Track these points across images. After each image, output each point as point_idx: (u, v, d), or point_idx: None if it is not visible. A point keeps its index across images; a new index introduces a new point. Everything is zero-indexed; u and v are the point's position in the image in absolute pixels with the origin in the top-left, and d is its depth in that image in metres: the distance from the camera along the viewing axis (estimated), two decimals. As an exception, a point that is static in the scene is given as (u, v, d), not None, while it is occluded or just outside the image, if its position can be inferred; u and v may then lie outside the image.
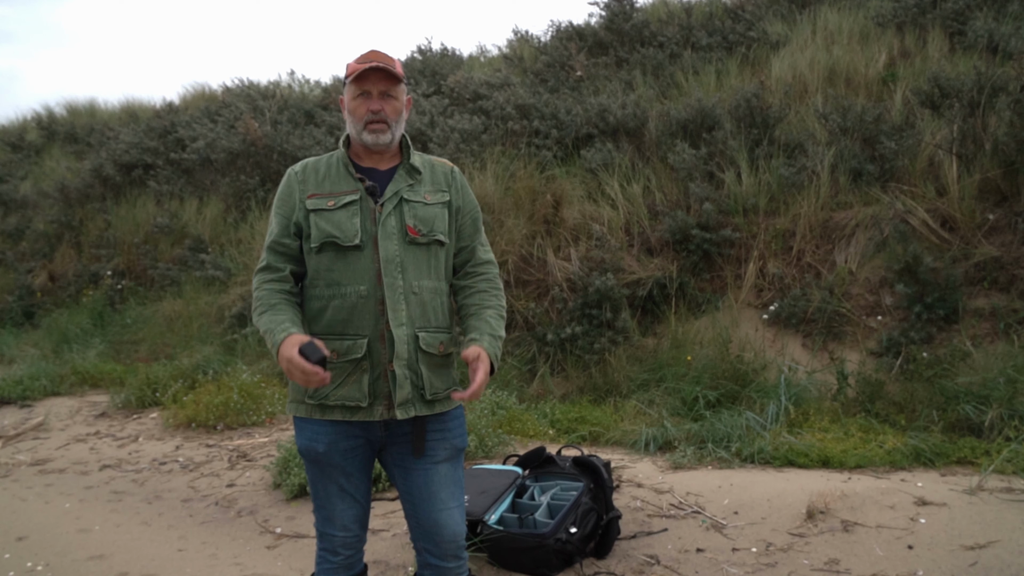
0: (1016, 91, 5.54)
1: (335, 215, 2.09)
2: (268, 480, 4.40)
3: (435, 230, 2.14)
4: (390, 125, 2.13)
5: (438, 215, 2.16)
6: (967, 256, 5.14)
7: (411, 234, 2.10)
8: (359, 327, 2.07)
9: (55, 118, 13.66)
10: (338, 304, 2.08)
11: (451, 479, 2.16)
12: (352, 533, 2.21)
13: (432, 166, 2.24)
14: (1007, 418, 4.06)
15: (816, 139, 6.36)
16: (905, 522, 3.18)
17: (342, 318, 2.08)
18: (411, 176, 2.18)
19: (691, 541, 3.28)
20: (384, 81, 2.12)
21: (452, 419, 2.20)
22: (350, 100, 2.14)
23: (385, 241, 2.08)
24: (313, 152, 8.57)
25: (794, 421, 4.50)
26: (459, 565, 2.18)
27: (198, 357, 6.66)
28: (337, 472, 2.14)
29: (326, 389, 2.08)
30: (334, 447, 2.11)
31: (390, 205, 2.11)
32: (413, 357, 2.09)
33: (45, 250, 10.27)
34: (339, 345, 2.07)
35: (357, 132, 2.14)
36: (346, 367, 2.08)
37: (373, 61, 2.10)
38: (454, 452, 2.19)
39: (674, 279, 5.88)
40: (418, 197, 2.15)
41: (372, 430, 2.13)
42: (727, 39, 8.48)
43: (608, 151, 6.89)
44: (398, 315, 2.07)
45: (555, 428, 4.90)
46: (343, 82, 2.19)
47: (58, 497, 4.45)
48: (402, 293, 2.08)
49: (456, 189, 2.24)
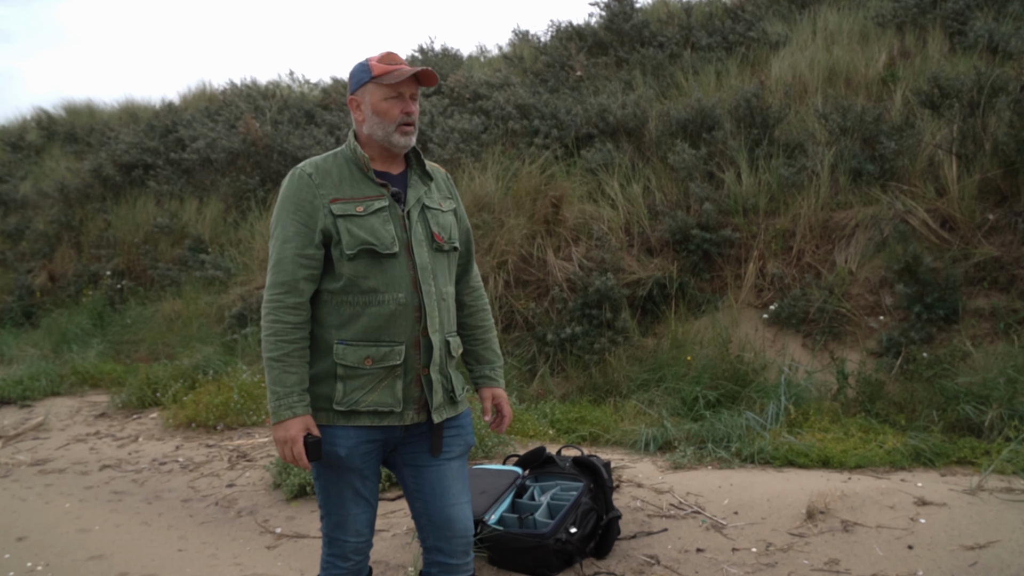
0: (1016, 91, 5.54)
1: (367, 221, 2.04)
2: (268, 480, 4.40)
3: (453, 237, 2.20)
4: (416, 128, 2.16)
5: (452, 223, 2.21)
6: (967, 256, 5.14)
7: (438, 241, 2.13)
8: (396, 334, 2.06)
9: (55, 118, 13.65)
10: (375, 311, 2.05)
11: (461, 475, 2.21)
12: (364, 538, 2.20)
13: (435, 172, 2.26)
14: (1007, 418, 4.06)
15: (816, 139, 6.36)
16: (905, 522, 3.18)
17: (379, 325, 2.05)
18: (424, 182, 2.20)
19: (691, 541, 3.28)
20: (415, 84, 2.13)
21: (465, 416, 2.25)
22: (381, 101, 2.07)
23: (418, 248, 2.10)
24: (313, 152, 8.56)
25: (794, 421, 4.50)
26: (467, 562, 2.19)
27: (198, 357, 6.66)
28: (354, 476, 2.12)
29: (357, 395, 2.06)
30: (355, 451, 2.09)
31: (415, 212, 2.12)
32: (445, 362, 2.14)
33: (45, 250, 10.26)
34: (375, 352, 2.05)
35: (387, 133, 2.09)
36: (380, 373, 2.06)
37: (402, 64, 2.09)
38: (466, 449, 2.25)
39: (674, 279, 5.88)
40: (435, 204, 2.18)
41: (391, 432, 2.13)
42: (727, 39, 8.47)
43: (608, 151, 6.89)
44: (433, 322, 2.09)
45: (555, 428, 4.90)
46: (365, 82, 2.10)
47: (58, 497, 4.45)
48: (436, 300, 2.11)
49: (457, 196, 2.30)
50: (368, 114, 2.10)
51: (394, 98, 2.09)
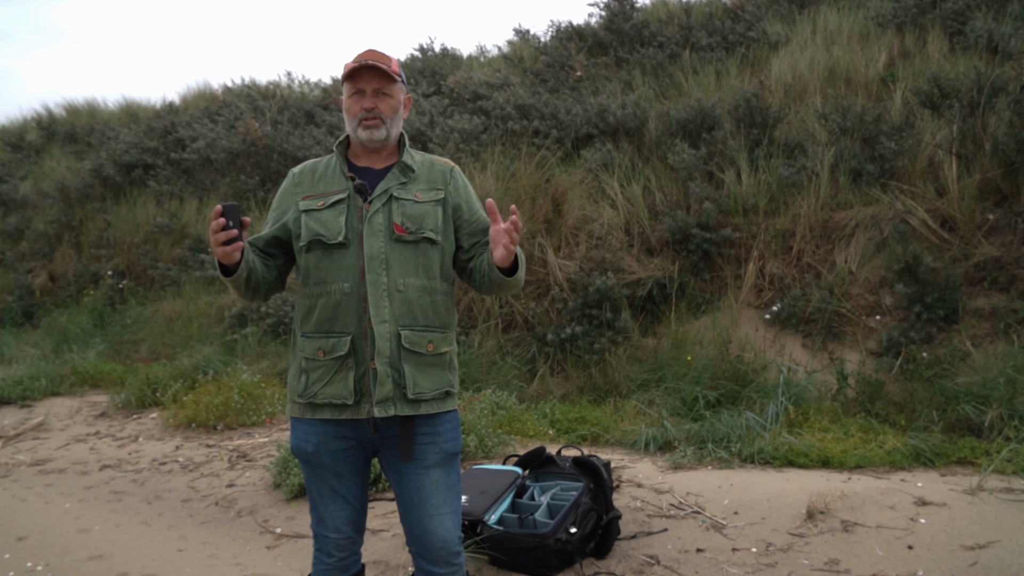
0: (1016, 91, 5.54)
1: (322, 214, 2.12)
2: (268, 480, 4.40)
3: (424, 227, 2.13)
4: (384, 122, 2.14)
5: (428, 212, 2.14)
6: (967, 256, 5.14)
7: (397, 231, 2.10)
8: (344, 324, 2.08)
9: (55, 118, 13.66)
10: (324, 302, 2.10)
11: (443, 484, 2.14)
12: (345, 535, 2.20)
13: (431, 165, 2.24)
14: (1007, 418, 4.06)
15: (816, 139, 6.36)
16: (905, 522, 3.18)
17: (328, 316, 2.10)
18: (404, 174, 2.18)
19: (691, 541, 3.28)
20: (378, 79, 2.14)
21: (443, 423, 2.16)
22: (346, 98, 2.18)
23: (371, 238, 2.09)
24: (313, 152, 8.58)
25: (794, 421, 4.50)
26: (451, 571, 2.14)
27: (198, 357, 6.66)
28: (328, 473, 2.15)
29: (316, 387, 2.10)
30: (323, 447, 2.12)
31: (378, 203, 2.12)
32: (395, 355, 2.08)
33: (45, 250, 10.27)
34: (325, 343, 2.10)
35: (352, 129, 2.17)
36: (332, 364, 2.09)
37: (367, 60, 2.12)
38: (445, 457, 2.15)
39: (674, 279, 5.88)
40: (408, 195, 2.15)
41: (362, 430, 2.13)
42: (727, 39, 8.47)
43: (608, 151, 6.89)
44: (380, 312, 2.06)
45: (555, 428, 4.90)
46: (342, 82, 2.22)
47: (58, 497, 4.45)
48: (385, 290, 2.07)
49: (455, 187, 2.22)
50: (344, 113, 2.20)
51: (355, 94, 2.16)
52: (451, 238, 2.21)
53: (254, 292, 2.16)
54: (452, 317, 2.23)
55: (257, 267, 2.12)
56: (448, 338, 2.19)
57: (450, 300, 2.23)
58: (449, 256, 2.21)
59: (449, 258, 2.22)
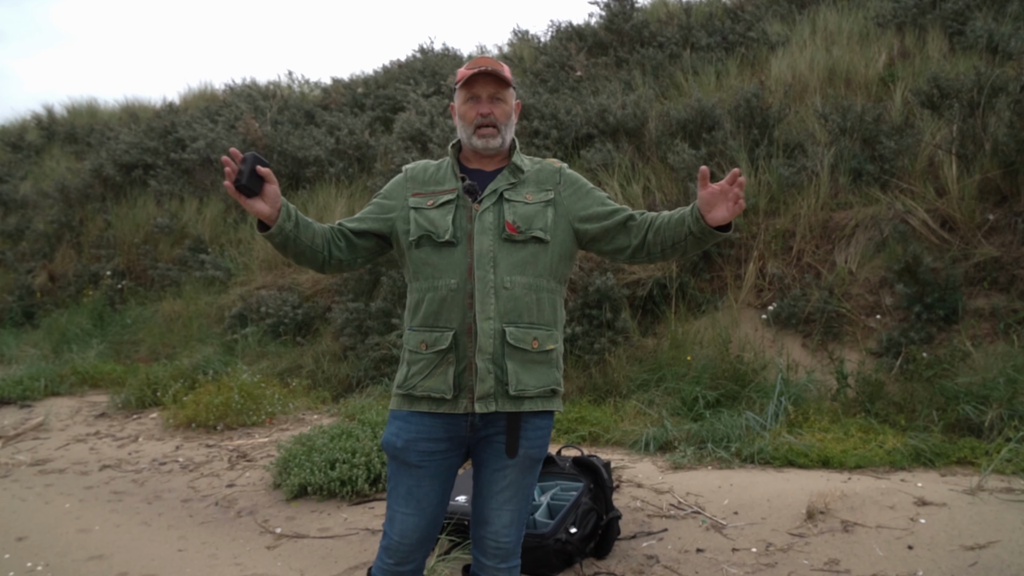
0: (1016, 91, 5.54)
1: (431, 213, 2.16)
2: (268, 480, 4.40)
3: (533, 227, 2.15)
4: (499, 129, 2.17)
5: (539, 213, 2.17)
6: (967, 256, 5.14)
7: (508, 230, 2.13)
8: (448, 320, 2.11)
9: (55, 118, 13.67)
10: (431, 297, 2.13)
11: (515, 484, 2.15)
12: (408, 542, 2.15)
13: (541, 167, 2.27)
14: (1007, 418, 4.06)
15: (816, 139, 6.36)
16: (905, 522, 3.18)
17: (433, 310, 2.12)
18: (514, 176, 2.21)
19: (691, 541, 3.28)
20: (493, 85, 2.17)
21: (536, 428, 2.15)
22: (460, 105, 2.20)
23: (480, 236, 2.12)
24: (313, 152, 8.59)
25: (794, 421, 4.50)
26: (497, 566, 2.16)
27: (198, 357, 6.67)
28: (410, 473, 2.14)
29: (416, 379, 2.12)
30: (412, 445, 2.12)
31: (488, 202, 2.15)
32: (499, 351, 2.09)
33: (45, 250, 10.27)
34: (428, 336, 2.12)
35: (467, 136, 2.19)
36: (433, 358, 2.11)
37: (483, 66, 2.15)
38: (527, 461, 2.15)
39: (674, 279, 5.88)
40: (519, 196, 2.18)
41: (457, 428, 2.12)
42: (727, 39, 8.48)
43: (608, 151, 6.89)
44: (486, 309, 2.08)
45: (555, 428, 4.90)
46: (452, 89, 2.24)
47: (58, 497, 4.45)
48: (492, 287, 2.10)
49: (565, 185, 2.23)
50: (456, 119, 2.23)
51: (470, 100, 2.18)
52: (561, 237, 2.20)
53: (297, 258, 2.20)
54: (558, 316, 2.22)
55: (303, 236, 2.14)
56: (554, 336, 2.19)
57: (557, 299, 2.22)
58: (557, 255, 2.19)
59: (557, 257, 2.19)
